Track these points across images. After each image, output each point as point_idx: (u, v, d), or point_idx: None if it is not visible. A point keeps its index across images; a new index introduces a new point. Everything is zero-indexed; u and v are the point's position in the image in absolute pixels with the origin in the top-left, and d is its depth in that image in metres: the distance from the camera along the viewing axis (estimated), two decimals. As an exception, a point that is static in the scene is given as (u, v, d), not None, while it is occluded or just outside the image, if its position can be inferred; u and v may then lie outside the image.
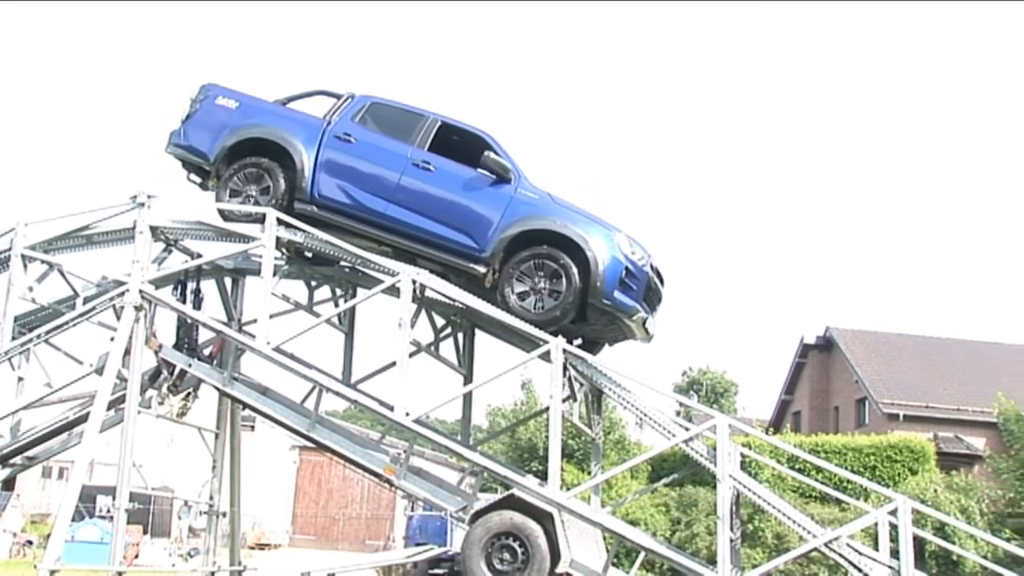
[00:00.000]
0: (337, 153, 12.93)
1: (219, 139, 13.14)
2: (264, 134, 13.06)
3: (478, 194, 12.61)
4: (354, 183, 12.83)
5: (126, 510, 12.41)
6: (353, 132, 13.03)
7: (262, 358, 12.51)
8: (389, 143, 13.01)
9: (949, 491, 30.75)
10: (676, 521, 30.87)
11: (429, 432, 12.40)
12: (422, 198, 12.67)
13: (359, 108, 13.29)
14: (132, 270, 12.76)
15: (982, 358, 43.25)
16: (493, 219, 12.43)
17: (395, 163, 12.82)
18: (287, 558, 33.40)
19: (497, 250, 12.32)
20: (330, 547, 42.62)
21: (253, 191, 12.93)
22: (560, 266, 12.06)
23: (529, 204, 12.50)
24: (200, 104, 13.47)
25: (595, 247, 12.04)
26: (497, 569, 11.17)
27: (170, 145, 13.48)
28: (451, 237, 12.52)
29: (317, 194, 12.82)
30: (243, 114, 13.33)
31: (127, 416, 12.41)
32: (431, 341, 13.64)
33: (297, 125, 13.19)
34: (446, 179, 12.73)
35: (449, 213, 12.61)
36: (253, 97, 13.55)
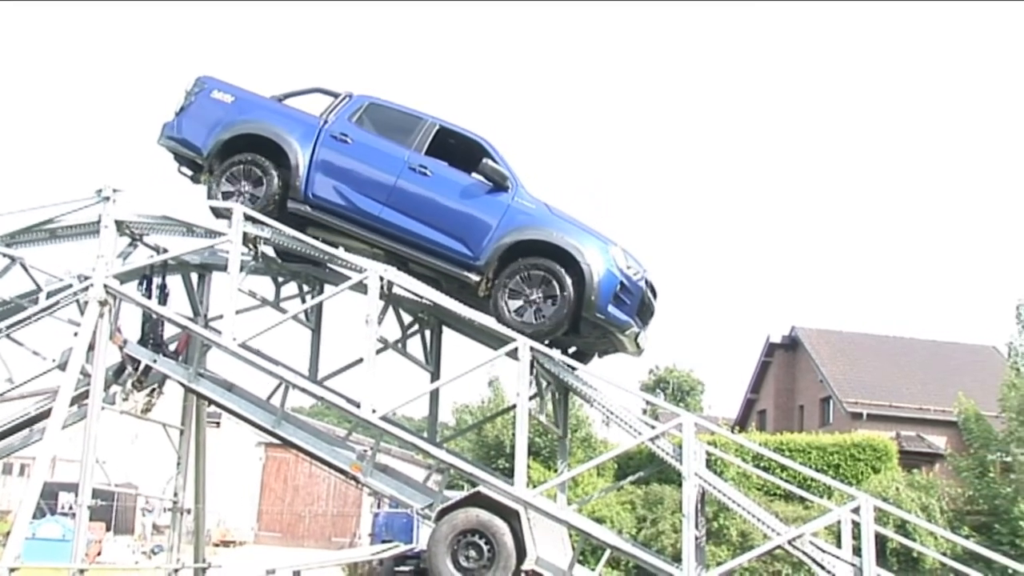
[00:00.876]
0: (333, 153, 12.73)
1: (213, 133, 12.92)
2: (259, 130, 12.85)
3: (474, 201, 12.44)
4: (349, 184, 12.63)
5: (89, 507, 12.27)
6: (350, 132, 12.83)
7: (228, 354, 12.39)
8: (386, 145, 12.81)
9: (911, 489, 31.03)
10: (642, 519, 30.94)
11: (396, 429, 12.32)
12: (418, 203, 12.48)
13: (357, 108, 13.09)
14: (96, 264, 12.60)
15: (944, 358, 43.66)
16: (489, 227, 12.26)
17: (391, 166, 12.63)
18: (252, 555, 33.31)
19: (492, 259, 12.16)
20: (296, 544, 42.55)
21: (246, 188, 12.71)
22: (555, 278, 11.92)
23: (526, 214, 12.33)
24: (195, 97, 13.25)
25: (591, 260, 11.91)
26: (463, 566, 11.11)
27: (163, 137, 13.27)
28: (445, 244, 12.34)
29: (311, 194, 12.63)
30: (238, 109, 13.10)
31: (90, 412, 12.30)
32: (398, 338, 13.60)
33: (293, 123, 12.98)
34: (443, 185, 12.55)
35: (444, 219, 12.42)
36: (249, 92, 13.35)
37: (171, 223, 13.24)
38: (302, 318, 13.21)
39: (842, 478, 29.66)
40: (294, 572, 17.83)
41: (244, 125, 12.90)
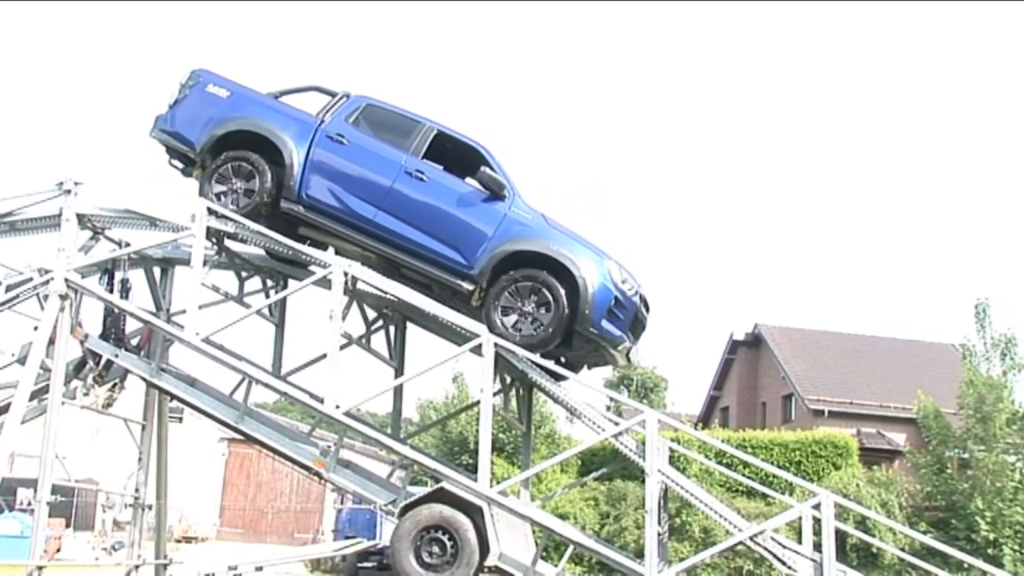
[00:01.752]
0: (328, 154, 12.52)
1: (207, 128, 12.69)
2: (254, 127, 12.62)
3: (471, 209, 12.26)
4: (344, 186, 12.43)
5: (48, 503, 12.19)
6: (346, 133, 12.61)
7: (191, 349, 12.28)
8: (383, 148, 12.60)
9: (871, 485, 31.34)
10: (605, 515, 31.03)
11: (359, 425, 12.26)
12: (413, 208, 12.29)
13: (354, 109, 12.87)
14: (57, 258, 12.49)
15: (905, 356, 44.01)
16: (484, 236, 12.11)
17: (388, 169, 12.41)
18: (214, 551, 33.13)
19: (486, 268, 12.01)
20: (258, 540, 42.36)
21: (239, 185, 12.52)
22: (549, 290, 11.81)
23: (522, 224, 12.18)
24: (190, 90, 13.01)
25: (586, 274, 11.79)
26: (426, 562, 11.08)
27: (155, 129, 13.04)
28: (439, 251, 12.18)
29: (305, 194, 12.43)
30: (233, 104, 12.88)
31: (50, 407, 12.20)
32: (362, 334, 13.55)
33: (289, 121, 12.76)
34: (439, 191, 12.37)
35: (439, 226, 12.25)
36: (245, 87, 13.12)
37: (134, 217, 13.11)
38: (266, 313, 13.13)
39: (804, 474, 29.91)
40: (256, 568, 17.75)
41: (239, 121, 12.68)
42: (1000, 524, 31.42)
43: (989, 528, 31.18)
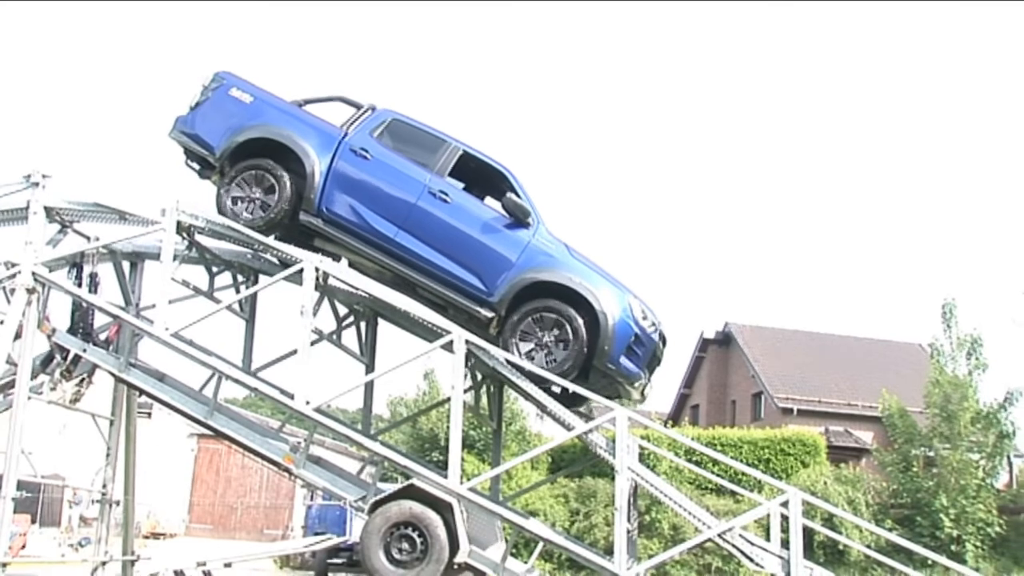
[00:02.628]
0: (351, 168, 12.22)
1: (228, 134, 12.40)
2: (276, 136, 12.33)
3: (494, 235, 11.98)
4: (365, 202, 12.13)
5: (13, 499, 12.09)
6: (370, 148, 12.28)
7: (160, 344, 12.19)
8: (407, 166, 12.27)
9: (838, 483, 31.63)
10: (575, 512, 31.08)
11: (329, 421, 12.24)
12: (435, 229, 12.00)
13: (379, 123, 12.56)
14: (24, 251, 12.37)
15: (872, 355, 44.32)
16: (506, 263, 11.87)
17: (411, 188, 12.10)
18: (183, 547, 32.96)
19: (506, 296, 11.80)
20: (228, 536, 42.25)
21: (257, 194, 12.28)
22: (569, 323, 11.61)
23: (547, 254, 11.93)
24: (212, 93, 12.71)
25: (608, 309, 11.62)
26: (396, 559, 11.06)
27: (175, 130, 12.78)
28: (460, 275, 11.96)
29: (325, 208, 12.18)
30: (256, 111, 12.55)
31: (17, 402, 12.11)
32: (333, 329, 13.52)
33: (313, 132, 12.45)
34: (462, 214, 12.08)
35: (461, 250, 11.98)
36: (269, 93, 12.81)
37: (103, 210, 12.98)
38: (236, 308, 13.04)
39: (772, 472, 30.11)
40: (225, 564, 17.66)
41: (261, 128, 12.39)
42: (963, 521, 31.84)
43: (953, 525, 31.58)
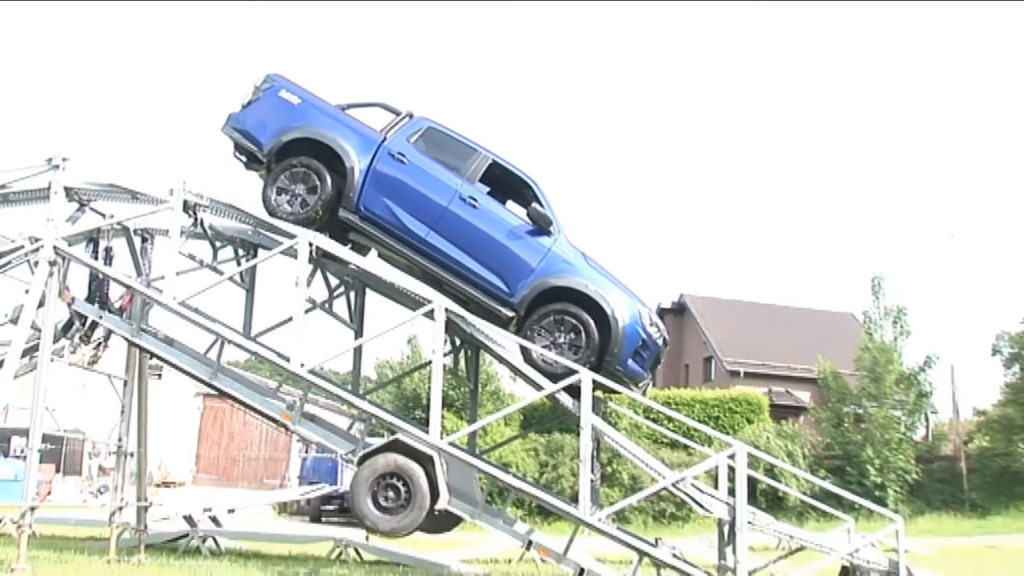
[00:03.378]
0: (389, 170, 12.09)
1: (276, 132, 12.30)
2: (320, 136, 12.22)
3: (518, 241, 11.89)
4: (400, 203, 12.01)
5: (39, 450, 12.08)
6: (407, 152, 12.16)
7: (169, 311, 12.19)
8: (440, 171, 12.11)
9: (779, 438, 32.06)
10: (544, 464, 31.31)
11: (322, 382, 12.24)
12: (464, 232, 11.91)
13: (416, 130, 12.40)
14: (47, 227, 12.33)
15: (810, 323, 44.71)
16: (528, 268, 11.81)
17: (443, 192, 11.98)
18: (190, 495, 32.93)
19: (526, 298, 11.74)
20: (231, 485, 42.15)
21: (300, 190, 12.19)
22: (583, 326, 11.58)
23: (566, 261, 11.85)
24: (263, 93, 12.58)
25: (620, 316, 11.63)
26: (383, 506, 11.13)
27: (227, 126, 12.67)
28: (484, 276, 11.89)
29: (363, 206, 12.08)
30: (303, 112, 12.43)
31: (40, 363, 12.08)
32: (325, 299, 13.49)
33: (354, 135, 12.32)
34: (490, 219, 11.97)
35: (487, 253, 11.89)
36: (315, 96, 12.67)
37: (117, 190, 12.94)
38: (237, 279, 13.01)
39: (721, 428, 30.44)
40: (229, 510, 17.70)
41: (307, 129, 12.27)
42: (886, 470, 32.43)
43: (877, 473, 32.19)
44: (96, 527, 16.38)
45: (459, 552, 17.21)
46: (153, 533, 14.62)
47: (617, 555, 12.50)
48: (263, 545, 16.65)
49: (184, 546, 15.05)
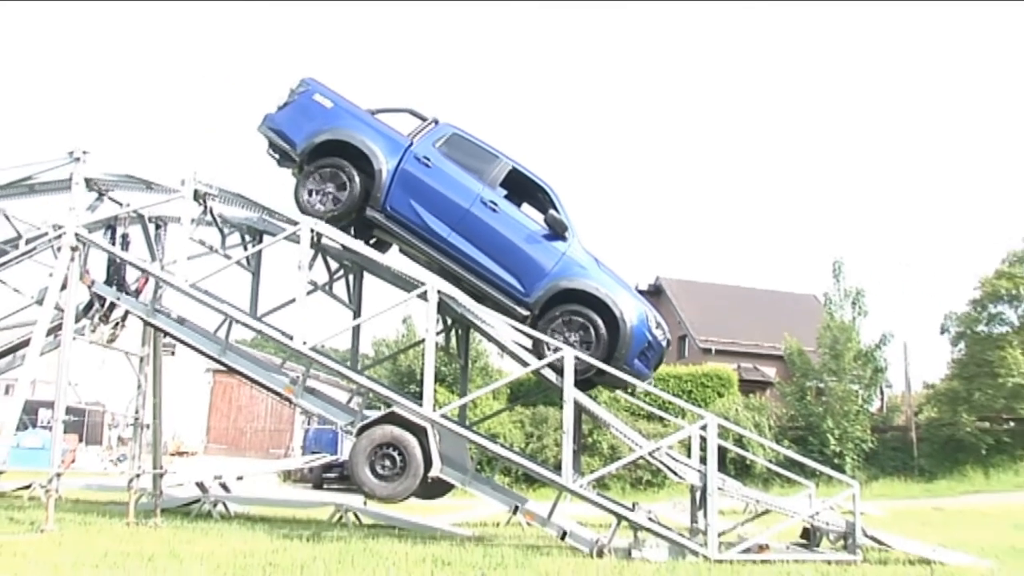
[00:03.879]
0: (415, 173, 11.99)
1: (310, 133, 12.21)
2: (350, 139, 12.11)
3: (535, 244, 11.81)
4: (425, 204, 11.93)
5: (63, 422, 12.22)
6: (432, 157, 12.04)
7: (181, 293, 12.26)
8: (463, 175, 12.00)
9: (747, 410, 32.25)
10: (530, 435, 31.37)
11: (323, 358, 12.31)
12: (484, 234, 11.83)
13: (441, 136, 12.28)
14: (68, 216, 12.41)
15: (777, 304, 44.92)
16: (544, 270, 11.74)
17: (466, 196, 11.88)
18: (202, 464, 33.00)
19: (541, 298, 11.68)
20: (239, 455, 42.20)
21: (330, 189, 12.10)
22: (593, 326, 11.55)
23: (580, 265, 11.79)
24: (298, 96, 12.50)
25: (628, 318, 11.60)
26: (379, 474, 11.18)
27: (263, 125, 12.60)
28: (502, 276, 11.81)
29: (389, 206, 11.99)
30: (336, 115, 12.34)
31: (63, 341, 12.16)
32: (326, 281, 13.53)
33: (383, 139, 12.20)
34: (509, 223, 11.87)
35: (505, 254, 11.82)
36: (347, 100, 12.56)
37: (133, 181, 13.04)
38: (244, 264, 13.05)
39: (693, 401, 30.56)
40: (238, 477, 17.72)
41: (338, 132, 12.18)
42: (844, 439, 32.73)
43: (836, 443, 32.50)
44: (116, 492, 16.44)
45: (450, 516, 17.31)
46: (168, 498, 14.66)
47: (597, 519, 12.58)
48: (269, 510, 16.71)
49: (196, 510, 15.09)
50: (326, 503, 16.52)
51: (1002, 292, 35.44)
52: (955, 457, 33.59)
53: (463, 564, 9.21)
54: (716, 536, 10.76)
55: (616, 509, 11.40)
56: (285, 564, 8.78)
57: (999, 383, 33.46)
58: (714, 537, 10.73)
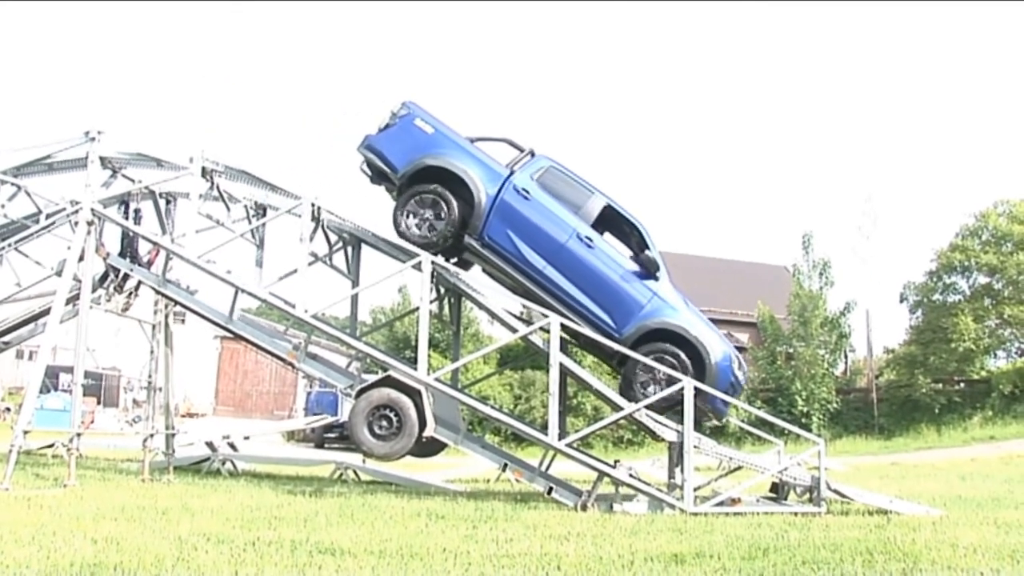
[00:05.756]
0: (514, 204, 11.55)
1: (410, 158, 11.80)
2: (453, 168, 11.69)
3: (629, 283, 11.43)
4: (522, 236, 11.52)
5: (82, 385, 12.21)
6: (531, 189, 11.60)
7: (190, 265, 12.25)
8: (560, 209, 11.56)
9: (722, 373, 32.28)
10: (518, 397, 31.61)
11: (324, 325, 12.31)
12: (579, 269, 11.44)
13: (538, 168, 11.82)
14: (85, 192, 12.37)
15: (749, 274, 45.14)
16: (636, 308, 11.39)
17: (563, 230, 11.47)
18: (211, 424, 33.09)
19: (633, 336, 11.33)
20: (245, 416, 42.34)
21: (428, 215, 11.75)
22: (681, 366, 11.20)
23: (671, 305, 11.49)
24: (399, 119, 12.05)
25: (715, 360, 11.31)
26: (377, 434, 11.18)
27: (363, 146, 12.23)
28: (595, 312, 11.46)
29: (487, 235, 11.61)
30: (436, 142, 11.89)
31: (81, 310, 12.17)
32: (326, 253, 13.49)
33: (483, 168, 11.78)
34: (603, 259, 11.49)
35: (599, 291, 11.43)
36: (448, 127, 12.09)
37: (144, 159, 13.04)
38: (249, 237, 13.03)
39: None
40: (245, 437, 17.78)
41: (439, 159, 11.76)
42: (811, 400, 33.01)
43: (804, 403, 32.84)
44: (131, 451, 16.50)
45: (444, 473, 17.45)
46: (180, 457, 14.74)
47: (581, 475, 12.66)
48: (274, 467, 16.81)
49: (206, 468, 15.15)
50: (327, 461, 16.62)
51: (955, 264, 35.80)
52: (911, 416, 34.04)
53: (456, 517, 9.27)
54: (692, 491, 10.80)
55: (599, 466, 11.42)
56: (289, 517, 8.83)
57: (952, 348, 33.92)
58: (690, 492, 10.76)
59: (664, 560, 6.94)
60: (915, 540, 7.89)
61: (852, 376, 39.65)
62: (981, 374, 35.53)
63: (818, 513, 10.60)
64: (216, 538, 7.27)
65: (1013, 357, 36.68)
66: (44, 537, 7.03)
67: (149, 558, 6.31)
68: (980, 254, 35.01)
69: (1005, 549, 7.44)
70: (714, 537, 8.29)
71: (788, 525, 9.27)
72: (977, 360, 35.31)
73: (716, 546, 7.60)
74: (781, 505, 11.33)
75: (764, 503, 11.54)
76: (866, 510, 10.78)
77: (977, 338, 34.12)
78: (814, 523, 9.49)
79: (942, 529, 8.79)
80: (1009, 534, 8.49)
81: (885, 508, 10.66)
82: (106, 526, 7.78)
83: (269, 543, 7.12)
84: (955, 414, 33.65)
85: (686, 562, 6.88)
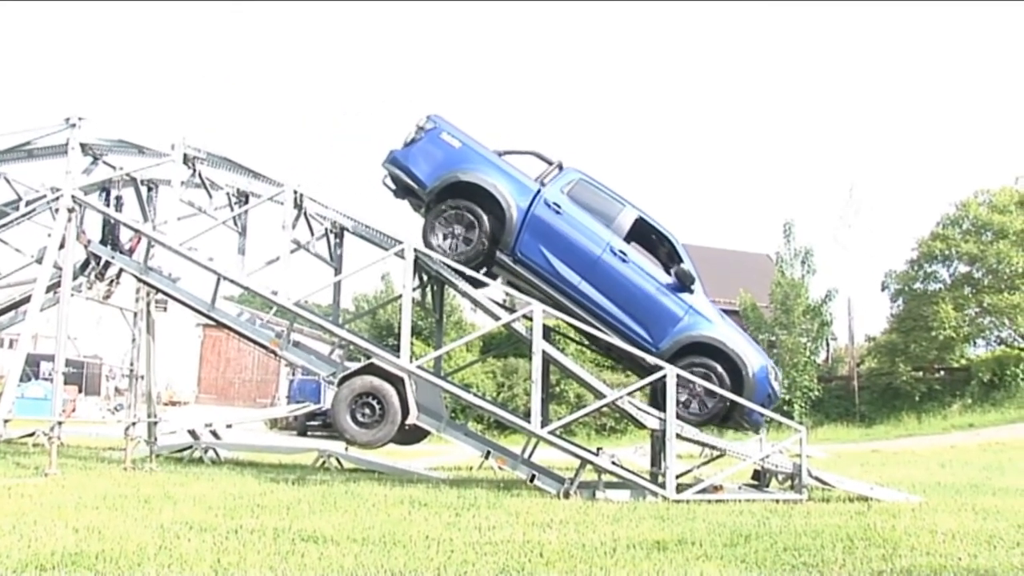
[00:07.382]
0: (546, 219, 11.37)
1: (439, 174, 11.53)
2: (483, 183, 11.44)
3: (664, 296, 11.34)
4: (555, 251, 11.35)
5: (63, 373, 12.16)
6: (562, 203, 11.42)
7: (172, 252, 12.16)
8: (592, 223, 11.40)
9: (704, 361, 32.42)
10: (501, 384, 31.65)
11: (306, 313, 12.28)
12: (614, 284, 11.31)
13: (568, 181, 11.63)
14: (65, 179, 12.27)
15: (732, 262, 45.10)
16: (673, 322, 11.30)
17: (596, 244, 11.32)
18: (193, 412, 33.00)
19: (670, 350, 11.22)
20: (228, 404, 42.21)
21: (459, 231, 11.54)
22: (719, 379, 11.15)
23: (706, 318, 11.41)
24: (425, 134, 11.76)
25: (753, 372, 11.24)
26: (360, 421, 11.19)
27: (387, 162, 11.98)
28: (631, 326, 11.34)
29: (519, 251, 11.42)
30: (464, 156, 11.62)
31: (62, 298, 12.08)
32: (309, 240, 13.46)
33: (513, 182, 11.54)
34: (638, 274, 11.37)
35: (635, 305, 11.32)
36: (475, 141, 11.83)
37: (126, 146, 12.92)
38: (231, 224, 12.98)
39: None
40: (227, 425, 17.74)
41: (468, 174, 11.50)
42: (793, 388, 33.15)
43: (786, 391, 32.81)
44: (113, 440, 16.44)
45: (427, 461, 17.46)
46: (162, 445, 14.68)
47: (564, 463, 12.70)
48: (257, 455, 16.77)
49: (189, 456, 15.13)
50: (310, 449, 16.60)
51: (936, 253, 36.05)
52: (892, 404, 34.35)
53: (438, 505, 9.29)
54: (674, 478, 10.83)
55: (582, 454, 11.45)
56: (272, 505, 8.83)
57: (932, 336, 34.20)
58: (672, 479, 10.80)
59: (646, 547, 6.97)
60: (895, 527, 7.97)
61: (834, 364, 39.89)
62: (961, 362, 35.91)
63: (799, 500, 10.67)
64: (198, 526, 7.27)
65: (992, 345, 37.11)
66: (25, 526, 7.01)
67: (131, 547, 6.30)
68: (961, 243, 35.26)
69: (983, 535, 7.52)
70: (696, 524, 8.34)
71: (770, 512, 9.34)
72: (957, 348, 35.69)
73: (698, 533, 7.65)
74: (763, 492, 11.39)
75: (746, 490, 11.61)
76: (847, 497, 10.86)
77: (957, 326, 34.42)
78: (795, 510, 9.56)
79: (921, 516, 8.88)
80: (987, 520, 8.58)
81: (866, 495, 10.74)
82: (88, 515, 7.75)
83: (251, 531, 7.12)
84: (935, 402, 33.99)
85: (668, 549, 6.92)
